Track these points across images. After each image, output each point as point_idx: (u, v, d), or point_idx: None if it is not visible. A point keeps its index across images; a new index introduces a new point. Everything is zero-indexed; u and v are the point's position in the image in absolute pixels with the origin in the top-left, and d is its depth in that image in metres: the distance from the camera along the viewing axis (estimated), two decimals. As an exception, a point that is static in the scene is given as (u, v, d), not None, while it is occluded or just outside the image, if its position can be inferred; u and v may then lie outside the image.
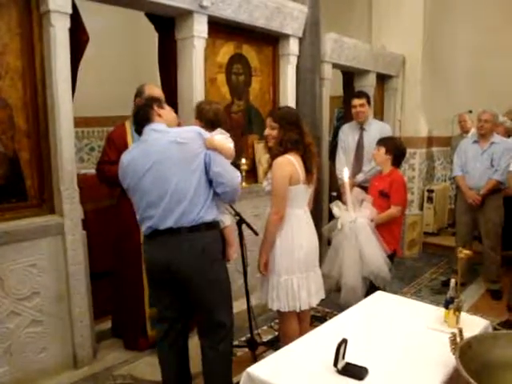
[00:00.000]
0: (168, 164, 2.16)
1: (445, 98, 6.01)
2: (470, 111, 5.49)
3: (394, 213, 3.29)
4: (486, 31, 5.80)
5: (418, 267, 5.25)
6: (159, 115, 2.29)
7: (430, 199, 6.03)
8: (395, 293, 3.05)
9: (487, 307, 4.05)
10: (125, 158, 2.29)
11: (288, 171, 2.50)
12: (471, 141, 4.42)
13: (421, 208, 6.08)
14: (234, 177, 2.31)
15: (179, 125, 2.59)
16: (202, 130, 2.30)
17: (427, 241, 5.95)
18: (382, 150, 3.39)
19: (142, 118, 2.28)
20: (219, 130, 2.67)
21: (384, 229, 3.23)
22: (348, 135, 4.36)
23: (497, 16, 5.78)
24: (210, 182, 2.26)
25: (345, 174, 3.09)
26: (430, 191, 6.05)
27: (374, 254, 3.06)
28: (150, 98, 2.43)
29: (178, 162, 2.17)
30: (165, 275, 2.28)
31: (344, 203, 3.16)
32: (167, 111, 2.36)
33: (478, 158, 4.26)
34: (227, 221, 2.56)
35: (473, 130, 4.99)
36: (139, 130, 2.30)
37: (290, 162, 2.52)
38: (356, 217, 3.06)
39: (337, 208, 3.12)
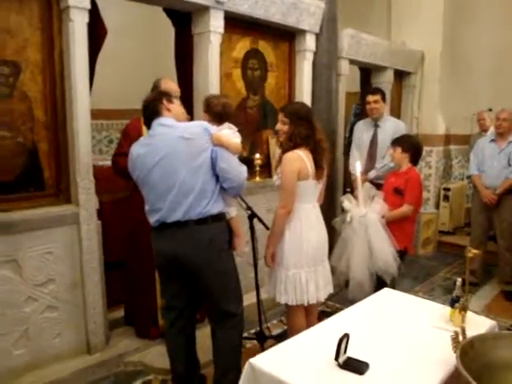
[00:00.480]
0: (175, 158, 2.21)
1: (464, 96, 5.92)
2: (490, 109, 5.41)
3: (406, 211, 3.28)
4: (507, 29, 5.69)
5: (432, 266, 5.22)
6: (168, 109, 2.33)
7: (446, 198, 5.97)
8: (407, 291, 3.06)
9: (501, 308, 4.02)
10: (134, 150, 2.35)
11: (297, 166, 2.52)
12: (489, 139, 4.38)
13: (437, 206, 6.03)
14: (239, 172, 2.36)
15: (188, 120, 2.62)
16: (209, 125, 2.33)
17: (442, 240, 5.89)
18: (399, 149, 3.37)
19: (151, 111, 2.32)
20: (227, 124, 2.69)
21: (395, 226, 3.23)
22: (362, 132, 4.34)
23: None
24: (217, 177, 2.30)
25: (357, 168, 3.09)
26: (447, 189, 5.98)
27: (383, 249, 3.06)
28: (160, 92, 2.47)
29: (185, 157, 2.21)
30: (173, 266, 2.34)
31: (355, 198, 3.17)
32: (176, 105, 2.40)
33: (495, 157, 4.22)
34: (233, 212, 2.61)
35: (492, 129, 4.92)
36: (148, 123, 2.34)
37: (299, 157, 2.54)
38: (366, 211, 3.06)
39: (347, 201, 3.13)
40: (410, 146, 3.40)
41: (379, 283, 3.09)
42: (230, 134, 2.50)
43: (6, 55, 2.49)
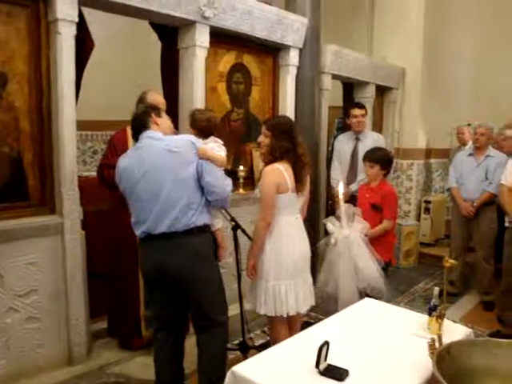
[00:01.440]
0: (161, 171, 2.25)
1: (444, 110, 6.08)
2: (469, 124, 5.56)
3: (388, 226, 3.33)
4: (485, 44, 5.90)
5: (413, 277, 5.30)
6: (156, 123, 2.37)
7: (427, 210, 6.09)
8: (388, 301, 3.10)
9: (479, 318, 4.10)
10: (121, 162, 2.38)
11: (275, 179, 2.56)
12: (467, 153, 4.50)
13: (418, 219, 6.13)
14: (224, 185, 2.40)
15: (175, 133, 2.66)
16: (195, 139, 2.38)
17: (423, 251, 5.98)
18: (377, 167, 3.36)
19: (139, 124, 2.37)
20: (212, 138, 2.74)
21: (377, 240, 3.26)
22: (343, 144, 4.43)
23: (496, 29, 5.87)
24: (202, 189, 2.34)
25: (340, 188, 3.09)
26: (428, 202, 6.10)
27: (369, 267, 3.06)
28: (149, 106, 2.52)
29: (170, 170, 2.25)
30: (160, 277, 2.37)
31: (337, 218, 3.16)
32: (164, 120, 2.45)
33: (473, 171, 4.33)
34: (218, 224, 2.66)
35: (470, 143, 5.06)
36: (136, 136, 2.38)
37: (279, 171, 2.58)
38: (349, 232, 3.06)
39: (331, 224, 3.12)
40: (386, 161, 3.41)
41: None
42: (215, 147, 2.56)
43: (-7, 66, 2.51)
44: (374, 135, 4.46)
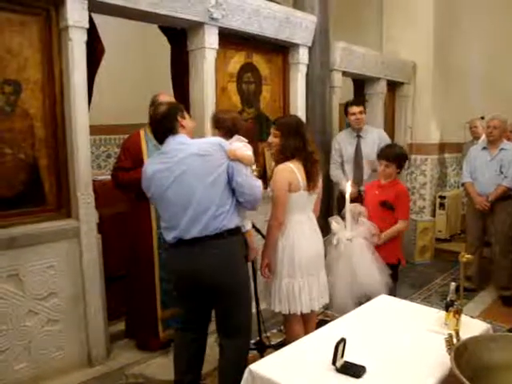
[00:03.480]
0: (191, 176, 2.22)
1: (457, 104, 6.03)
2: (482, 117, 5.50)
3: (403, 227, 3.28)
4: (497, 36, 5.80)
5: (428, 273, 5.26)
6: (182, 126, 2.33)
7: (442, 205, 6.04)
8: (404, 298, 3.09)
9: (498, 313, 4.06)
10: (149, 168, 2.34)
11: (287, 178, 2.57)
12: (480, 147, 4.45)
13: (433, 214, 6.09)
14: (255, 186, 2.38)
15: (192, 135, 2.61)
16: (223, 141, 2.35)
17: (439, 247, 5.93)
18: (393, 166, 3.28)
19: (166, 128, 2.31)
20: (236, 136, 2.71)
21: (387, 241, 3.22)
22: (346, 143, 4.34)
23: (508, 21, 5.79)
24: (233, 191, 2.32)
25: (347, 188, 3.01)
26: (442, 197, 6.05)
27: (370, 277, 2.96)
28: (174, 107, 2.41)
29: (201, 174, 2.23)
30: (191, 282, 2.35)
31: (343, 218, 3.06)
32: (188, 121, 2.41)
33: (486, 165, 4.29)
34: (248, 225, 2.65)
35: (483, 137, 5.00)
36: (160, 138, 2.34)
37: (290, 170, 2.59)
38: (352, 236, 2.95)
39: (335, 223, 3.05)
40: (401, 159, 3.34)
41: None
42: (241, 146, 2.52)
43: (8, 74, 2.56)
44: (374, 131, 4.40)
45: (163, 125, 2.32)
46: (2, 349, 2.57)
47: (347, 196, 2.96)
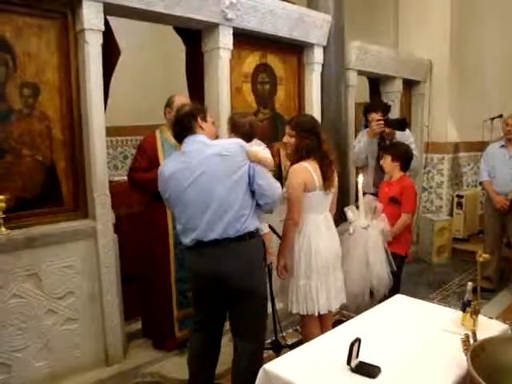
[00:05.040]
0: (212, 176, 2.20)
1: (474, 102, 5.93)
2: (501, 115, 5.42)
3: (406, 220, 3.33)
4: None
5: (446, 273, 5.20)
6: (201, 127, 2.32)
7: (459, 205, 5.95)
8: (422, 298, 3.06)
9: (517, 314, 3.99)
10: (165, 169, 2.32)
11: (302, 178, 2.57)
12: (499, 145, 4.38)
13: (450, 214, 6.01)
14: (275, 188, 2.37)
15: (217, 138, 2.63)
16: (244, 143, 2.33)
17: (457, 247, 5.85)
18: (388, 158, 3.39)
19: (184, 127, 2.30)
20: (255, 140, 2.72)
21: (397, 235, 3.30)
22: (367, 146, 4.25)
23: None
24: (253, 193, 2.30)
25: (359, 179, 3.09)
26: (460, 196, 5.97)
27: (380, 268, 3.05)
28: (196, 108, 2.40)
29: (222, 175, 2.20)
30: (212, 285, 2.33)
31: (358, 207, 3.16)
32: (209, 124, 2.39)
33: (505, 163, 4.23)
34: (266, 228, 2.66)
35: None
36: (179, 138, 2.34)
37: (305, 169, 2.59)
38: (368, 224, 3.07)
39: (351, 212, 3.12)
40: (401, 153, 3.40)
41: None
42: (261, 150, 2.51)
43: (26, 78, 2.61)
44: (398, 133, 4.31)
45: (182, 124, 2.31)
46: (23, 346, 2.62)
47: (359, 187, 3.03)
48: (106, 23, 2.84)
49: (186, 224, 2.29)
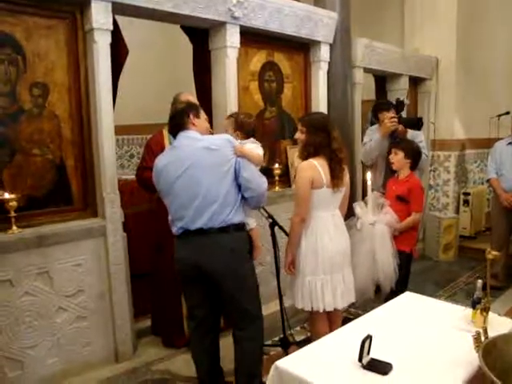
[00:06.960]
0: (200, 168, 2.30)
1: (481, 100, 5.91)
2: (507, 112, 5.40)
3: (416, 219, 3.32)
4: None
5: (453, 271, 5.19)
6: (193, 124, 2.41)
7: (466, 202, 5.93)
8: (429, 296, 3.06)
9: (525, 312, 3.98)
10: (159, 162, 2.43)
11: (309, 175, 2.57)
12: (506, 142, 4.37)
13: (457, 211, 5.99)
14: (261, 182, 2.44)
15: (211, 134, 2.70)
16: (232, 138, 2.42)
17: (464, 244, 5.83)
18: (401, 154, 3.33)
19: (176, 124, 2.42)
20: (251, 139, 2.79)
21: (400, 233, 3.27)
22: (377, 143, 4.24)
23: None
24: (239, 187, 2.38)
25: (368, 176, 3.10)
26: (467, 194, 5.94)
27: (387, 263, 3.06)
28: (189, 105, 2.52)
29: (209, 167, 2.30)
30: (195, 273, 2.41)
31: (366, 203, 3.17)
32: (202, 121, 2.48)
33: (513, 160, 4.21)
34: (252, 224, 2.67)
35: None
36: (173, 133, 2.45)
37: (313, 166, 2.59)
38: (375, 220, 3.08)
39: (359, 208, 3.13)
40: (413, 151, 3.35)
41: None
42: (253, 146, 2.60)
43: (36, 77, 2.64)
44: (409, 132, 4.29)
45: (175, 120, 2.43)
46: (34, 344, 2.65)
47: (369, 183, 3.04)
48: (115, 22, 2.85)
49: (175, 214, 2.39)
